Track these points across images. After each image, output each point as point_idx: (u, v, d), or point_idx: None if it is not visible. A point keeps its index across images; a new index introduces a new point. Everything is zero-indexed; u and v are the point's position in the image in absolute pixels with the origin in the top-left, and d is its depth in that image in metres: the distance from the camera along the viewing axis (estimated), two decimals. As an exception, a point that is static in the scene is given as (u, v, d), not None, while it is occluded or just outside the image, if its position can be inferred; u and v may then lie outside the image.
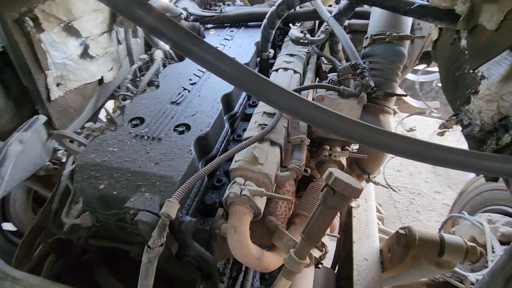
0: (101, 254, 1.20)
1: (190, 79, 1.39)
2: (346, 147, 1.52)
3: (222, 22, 1.87)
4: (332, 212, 0.85)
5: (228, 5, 2.14)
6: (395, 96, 1.51)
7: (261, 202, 0.97)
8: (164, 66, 1.73)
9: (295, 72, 1.55)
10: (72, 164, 1.34)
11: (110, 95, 1.83)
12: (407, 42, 1.53)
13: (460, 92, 1.18)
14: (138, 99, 1.28)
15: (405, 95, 1.73)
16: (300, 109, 0.74)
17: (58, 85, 1.40)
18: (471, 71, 1.09)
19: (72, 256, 1.21)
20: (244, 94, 1.49)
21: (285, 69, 1.55)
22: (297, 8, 1.80)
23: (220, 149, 1.24)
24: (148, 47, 2.04)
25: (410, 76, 3.47)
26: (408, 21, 1.55)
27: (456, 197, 3.10)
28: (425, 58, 2.08)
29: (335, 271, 1.88)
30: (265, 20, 1.59)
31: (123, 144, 1.05)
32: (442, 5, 1.13)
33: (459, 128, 1.19)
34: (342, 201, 0.82)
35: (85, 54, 1.51)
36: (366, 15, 1.83)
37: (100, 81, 1.67)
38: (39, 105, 1.35)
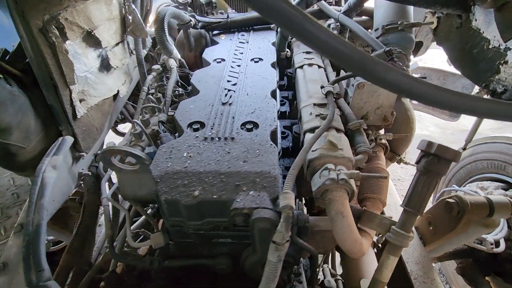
0: (169, 280, 1.08)
1: (229, 81, 1.34)
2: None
3: (229, 28, 1.86)
4: (436, 179, 0.88)
5: (221, 13, 2.14)
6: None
7: (353, 185, 0.97)
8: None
9: (319, 67, 1.59)
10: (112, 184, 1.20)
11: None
12: (414, 30, 1.68)
13: (482, 66, 1.33)
14: (184, 105, 1.20)
15: (425, 78, 1.88)
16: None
17: (81, 101, 1.25)
18: (494, 43, 1.24)
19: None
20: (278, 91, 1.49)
21: (310, 64, 1.59)
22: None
23: (279, 143, 1.22)
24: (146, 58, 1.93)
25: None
26: (411, 10, 1.71)
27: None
28: (414, 48, 2.30)
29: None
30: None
31: (196, 148, 0.97)
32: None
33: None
34: (446, 166, 0.86)
35: (103, 66, 1.37)
36: (366, 13, 1.97)
37: (115, 96, 1.53)
38: (64, 125, 1.19)
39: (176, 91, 1.54)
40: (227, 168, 0.89)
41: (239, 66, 1.47)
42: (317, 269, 1.24)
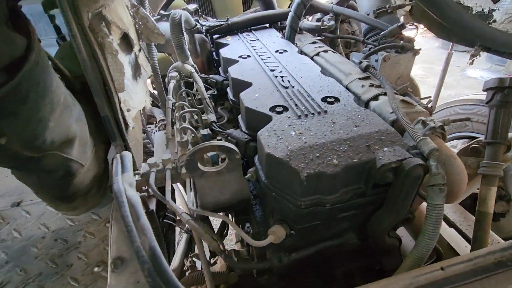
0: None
1: (272, 70, 1.33)
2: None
3: (231, 30, 1.85)
4: (511, 108, 1.02)
5: (206, 19, 2.12)
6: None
7: (442, 132, 1.04)
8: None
9: (333, 52, 1.69)
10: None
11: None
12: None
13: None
14: (247, 96, 1.14)
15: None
16: None
17: (128, 111, 1.08)
18: (477, 8, 1.51)
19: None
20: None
21: (325, 51, 1.67)
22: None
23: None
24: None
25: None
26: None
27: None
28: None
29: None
30: (291, 12, 1.69)
31: (298, 126, 0.93)
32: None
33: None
34: (517, 95, 1.00)
35: (134, 74, 1.22)
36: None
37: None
38: (118, 140, 1.01)
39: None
40: (346, 134, 0.88)
41: (269, 57, 1.47)
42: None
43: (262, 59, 1.45)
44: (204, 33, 1.79)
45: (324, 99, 1.08)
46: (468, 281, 0.70)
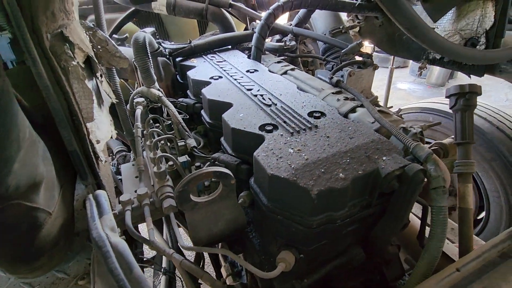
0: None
1: (249, 89, 1.30)
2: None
3: (194, 52, 1.79)
4: (473, 111, 1.13)
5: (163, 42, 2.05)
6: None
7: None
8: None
9: (300, 70, 1.74)
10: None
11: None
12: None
13: (415, 45, 1.79)
14: (231, 116, 1.08)
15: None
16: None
17: (97, 143, 0.93)
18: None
19: None
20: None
21: (292, 69, 1.71)
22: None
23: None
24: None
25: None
26: (343, 16, 2.12)
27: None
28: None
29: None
30: (256, 33, 1.71)
31: (294, 143, 0.90)
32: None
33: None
34: (476, 99, 1.12)
35: (99, 101, 1.08)
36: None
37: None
38: (89, 179, 0.86)
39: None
40: (345, 146, 0.87)
41: (242, 77, 1.44)
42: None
43: (235, 79, 1.41)
44: (167, 56, 1.70)
45: (310, 114, 1.07)
46: (484, 276, 0.72)
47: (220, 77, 1.47)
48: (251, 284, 0.99)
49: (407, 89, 7.15)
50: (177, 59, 1.77)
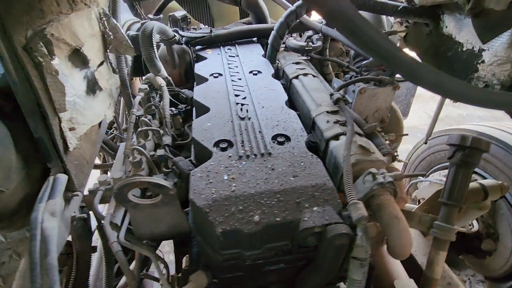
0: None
1: (236, 95, 1.27)
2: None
3: (213, 42, 1.79)
4: (472, 169, 0.94)
5: (195, 29, 2.07)
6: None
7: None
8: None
9: (313, 76, 1.62)
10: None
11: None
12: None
13: (458, 66, 1.49)
14: (199, 124, 1.10)
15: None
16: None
17: (70, 130, 1.05)
18: (467, 45, 1.40)
19: None
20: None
21: (305, 74, 1.60)
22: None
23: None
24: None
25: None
26: (385, 20, 1.86)
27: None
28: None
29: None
30: (274, 32, 1.62)
31: (235, 169, 0.88)
32: (438, 0, 1.42)
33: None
34: (479, 157, 0.92)
35: (89, 89, 1.18)
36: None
37: (100, 122, 1.33)
38: (54, 161, 0.98)
39: (170, 111, 1.41)
40: (280, 185, 0.82)
41: (240, 79, 1.41)
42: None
43: (232, 80, 1.39)
44: (183, 44, 1.74)
45: (274, 137, 1.02)
46: None
47: (221, 74, 1.46)
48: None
49: (464, 114, 6.03)
50: (197, 48, 1.80)
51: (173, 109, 1.44)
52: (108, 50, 1.36)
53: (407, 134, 1.55)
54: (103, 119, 1.31)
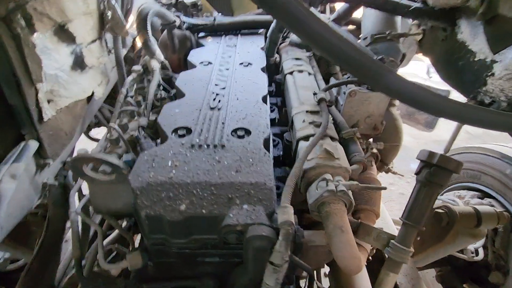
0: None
1: (217, 85, 1.26)
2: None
3: (215, 30, 1.79)
4: (438, 190, 0.85)
5: (207, 16, 2.07)
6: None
7: (352, 197, 0.91)
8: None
9: (309, 73, 1.55)
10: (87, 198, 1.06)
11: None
12: (401, 41, 1.70)
13: (468, 77, 1.35)
14: (168, 109, 1.10)
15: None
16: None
17: (49, 102, 1.11)
18: (480, 55, 1.26)
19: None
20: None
21: (300, 71, 1.54)
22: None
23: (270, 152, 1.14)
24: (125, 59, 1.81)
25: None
26: (399, 21, 1.73)
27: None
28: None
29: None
30: (273, 25, 1.58)
31: (182, 156, 0.88)
32: (450, 3, 1.28)
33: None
34: (448, 177, 0.83)
35: (76, 64, 1.24)
36: (354, 23, 1.97)
37: (89, 98, 1.39)
38: (27, 128, 1.04)
39: (159, 95, 1.43)
40: (218, 178, 0.80)
41: (227, 69, 1.39)
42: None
43: (219, 70, 1.38)
44: (184, 29, 1.75)
45: (235, 131, 0.99)
46: None
47: (210, 63, 1.45)
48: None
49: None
50: (200, 35, 1.80)
51: (163, 92, 1.46)
52: (104, 30, 1.41)
53: (398, 144, 1.44)
54: (93, 96, 1.37)
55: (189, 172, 0.82)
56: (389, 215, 1.90)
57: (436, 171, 0.81)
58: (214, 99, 1.15)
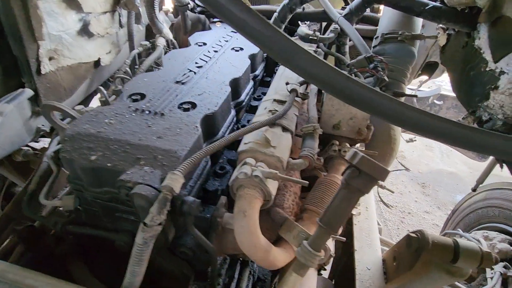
0: (77, 246, 1.05)
1: (197, 63, 1.31)
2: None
3: (228, 17, 1.83)
4: (356, 195, 0.76)
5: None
6: (404, 97, 1.47)
7: (273, 187, 0.88)
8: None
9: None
10: (58, 144, 1.21)
11: (104, 82, 1.73)
12: (418, 43, 1.53)
13: (476, 90, 1.16)
14: (139, 77, 1.19)
15: (415, 96, 1.71)
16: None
17: (50, 59, 1.28)
18: (491, 65, 1.07)
19: (44, 247, 1.05)
20: (251, 84, 1.42)
21: (294, 63, 1.50)
22: (306, 8, 1.79)
23: (225, 135, 1.15)
24: (150, 36, 1.96)
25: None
26: (419, 22, 1.55)
27: (449, 214, 3.08)
28: (428, 69, 2.09)
29: (333, 282, 1.76)
30: (275, 14, 1.56)
31: (121, 117, 0.95)
32: (463, 1, 1.12)
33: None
34: (368, 183, 0.74)
35: (83, 31, 1.41)
36: (372, 21, 1.84)
37: (96, 63, 1.56)
38: (26, 78, 1.23)
39: (156, 69, 1.54)
40: (138, 140, 0.85)
41: (216, 51, 1.43)
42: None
43: (208, 51, 1.43)
44: (197, 13, 1.83)
45: (182, 104, 1.03)
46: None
47: (205, 44, 1.50)
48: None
49: None
50: (213, 20, 1.87)
51: (160, 67, 1.57)
52: (118, 5, 1.56)
53: (376, 153, 1.30)
54: (99, 61, 1.54)
55: (118, 130, 0.88)
56: (378, 234, 1.75)
57: (354, 173, 0.73)
58: (184, 74, 1.20)
